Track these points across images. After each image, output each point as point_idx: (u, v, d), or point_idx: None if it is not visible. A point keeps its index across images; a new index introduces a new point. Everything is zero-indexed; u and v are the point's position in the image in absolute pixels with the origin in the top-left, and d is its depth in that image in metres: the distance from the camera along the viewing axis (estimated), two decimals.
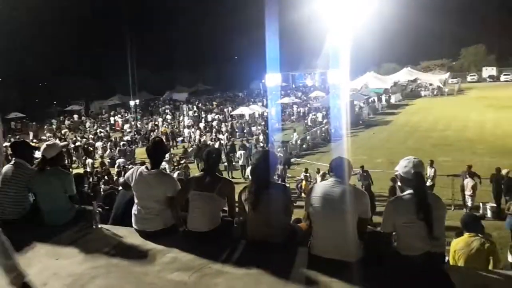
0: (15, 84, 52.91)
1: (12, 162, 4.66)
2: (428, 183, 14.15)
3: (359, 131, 29.16)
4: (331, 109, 32.37)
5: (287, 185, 16.95)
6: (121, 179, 4.36)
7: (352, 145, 24.42)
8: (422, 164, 3.22)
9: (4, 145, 4.54)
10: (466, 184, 13.69)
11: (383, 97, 40.34)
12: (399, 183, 3.40)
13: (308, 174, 17.57)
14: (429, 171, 14.94)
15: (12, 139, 31.60)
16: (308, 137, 26.69)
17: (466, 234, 4.80)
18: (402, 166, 3.19)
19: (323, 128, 28.73)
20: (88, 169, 20.44)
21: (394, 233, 3.22)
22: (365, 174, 15.20)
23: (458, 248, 4.70)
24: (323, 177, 14.94)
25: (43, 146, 4.60)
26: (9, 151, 5.68)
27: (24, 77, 53.86)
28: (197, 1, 75.66)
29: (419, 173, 3.12)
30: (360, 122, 32.19)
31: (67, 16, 59.82)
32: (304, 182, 16.44)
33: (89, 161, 22.67)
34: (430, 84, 47.56)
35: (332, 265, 3.13)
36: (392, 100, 41.78)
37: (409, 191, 3.11)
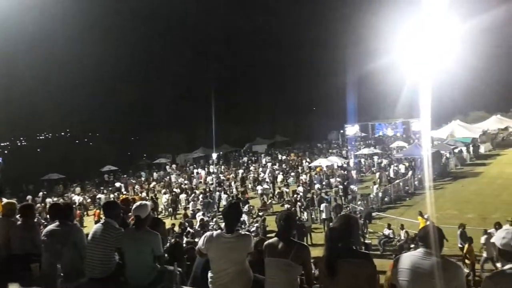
0: (109, 139, 57.46)
1: (102, 221, 4.93)
2: None
3: (446, 184, 27.49)
4: (414, 160, 31.07)
5: (369, 241, 16.42)
6: (197, 247, 4.40)
7: (439, 199, 23.01)
8: None
9: None
10: None
11: (471, 147, 37.97)
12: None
13: (391, 230, 16.77)
14: None
15: (105, 191, 33.95)
16: (390, 190, 25.63)
17: None
18: (500, 238, 2.88)
19: (406, 181, 27.49)
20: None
21: None
22: None
23: None
24: None
25: (135, 206, 4.78)
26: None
27: (117, 132, 58.44)
28: (275, 54, 78.38)
29: None
30: (447, 173, 30.39)
31: (155, 75, 64.77)
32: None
33: None
34: None
35: None
36: (482, 150, 39.15)
37: (510, 265, 2.79)
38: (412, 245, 14.57)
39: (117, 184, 37.31)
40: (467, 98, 56.98)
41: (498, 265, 2.94)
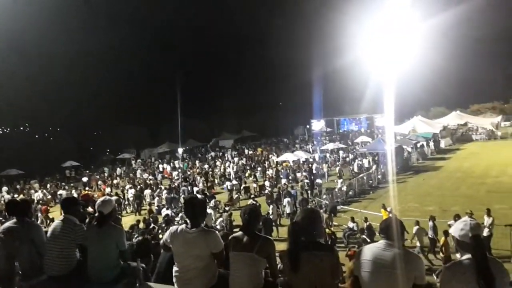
0: (71, 133, 55.85)
1: (61, 218, 4.78)
2: (485, 232, 13.40)
3: (408, 177, 28.25)
4: (378, 154, 31.74)
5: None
6: (162, 240, 4.33)
7: (401, 192, 23.65)
8: (480, 226, 2.98)
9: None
10: None
11: (432, 142, 39.18)
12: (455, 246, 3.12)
13: (355, 223, 17.07)
14: (486, 220, 14.15)
15: (66, 187, 33.08)
16: (354, 184, 26.10)
17: None
18: (458, 229, 2.96)
19: (370, 175, 28.06)
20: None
21: None
22: None
23: None
24: None
25: (99, 202, 4.65)
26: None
27: (79, 126, 56.90)
28: (242, 49, 78.31)
29: (478, 237, 2.89)
30: (409, 167, 31.24)
31: (119, 69, 63.40)
32: None
33: None
34: (482, 128, 45.83)
35: None
36: (442, 145, 40.51)
37: (468, 256, 2.87)
38: (363, 236, 14.97)
39: (84, 179, 36.56)
40: (428, 95, 58.71)
41: (458, 255, 3.01)
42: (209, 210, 19.83)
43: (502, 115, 53.94)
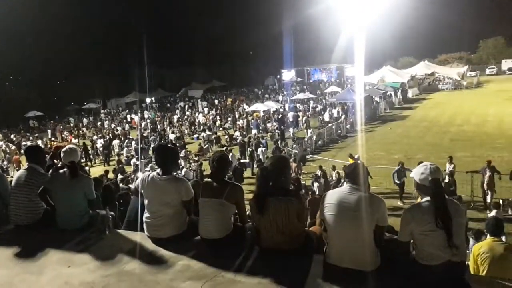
0: (33, 82, 53.74)
1: (26, 167, 4.66)
2: (447, 179, 13.91)
3: (376, 127, 28.81)
4: (347, 104, 32.05)
5: (302, 182, 17.00)
6: (133, 186, 4.30)
7: (368, 141, 24.15)
8: (439, 170, 3.07)
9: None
10: (486, 179, 13.44)
11: (400, 91, 39.76)
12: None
13: (323, 172, 17.40)
14: (448, 167, 14.69)
15: (31, 138, 32.24)
16: (323, 133, 26.42)
17: (489, 238, 4.64)
18: (419, 173, 3.04)
19: (339, 124, 28.41)
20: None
21: (412, 241, 3.09)
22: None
23: (481, 252, 4.52)
24: None
25: (66, 152, 4.45)
26: None
27: (42, 75, 54.68)
28: None
29: (437, 180, 2.98)
30: (377, 117, 31.79)
31: (85, 15, 60.53)
32: None
33: None
34: (449, 78, 46.72)
35: (348, 275, 3.02)
36: (409, 95, 41.23)
37: (427, 198, 2.98)
38: (316, 183, 15.31)
39: (60, 127, 35.94)
40: (397, 45, 59.20)
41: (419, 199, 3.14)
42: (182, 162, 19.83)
43: (468, 65, 55.07)
